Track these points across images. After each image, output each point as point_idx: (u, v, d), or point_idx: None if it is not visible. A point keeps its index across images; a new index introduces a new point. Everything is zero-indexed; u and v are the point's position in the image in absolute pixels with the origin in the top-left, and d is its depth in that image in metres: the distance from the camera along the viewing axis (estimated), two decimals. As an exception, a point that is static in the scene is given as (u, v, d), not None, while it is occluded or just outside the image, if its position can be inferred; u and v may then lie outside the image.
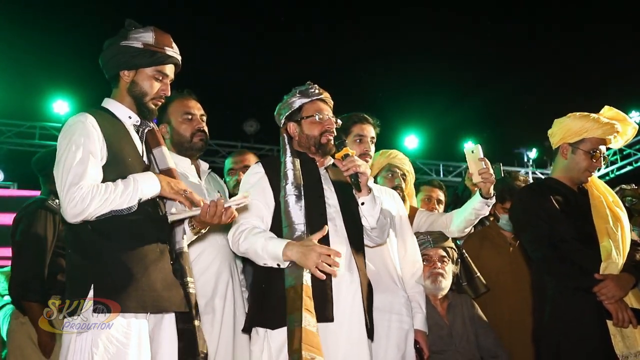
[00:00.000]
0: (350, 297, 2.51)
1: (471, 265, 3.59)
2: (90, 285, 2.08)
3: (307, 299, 2.32)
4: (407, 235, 3.21)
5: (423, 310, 3.08)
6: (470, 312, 3.41)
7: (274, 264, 2.44)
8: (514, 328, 3.53)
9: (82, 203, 2.05)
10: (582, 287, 2.79)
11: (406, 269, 3.12)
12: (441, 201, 4.05)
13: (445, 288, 3.34)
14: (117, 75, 2.36)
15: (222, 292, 2.84)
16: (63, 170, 2.12)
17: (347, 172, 2.62)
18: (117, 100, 2.38)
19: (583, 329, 2.77)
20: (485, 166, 3.14)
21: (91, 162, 2.13)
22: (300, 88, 2.79)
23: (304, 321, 2.26)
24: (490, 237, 3.86)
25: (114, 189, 2.10)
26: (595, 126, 2.97)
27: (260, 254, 2.45)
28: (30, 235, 3.25)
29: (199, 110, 3.08)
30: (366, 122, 3.21)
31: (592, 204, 2.97)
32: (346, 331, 2.46)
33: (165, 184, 2.22)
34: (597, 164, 3.01)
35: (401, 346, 2.86)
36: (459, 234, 3.55)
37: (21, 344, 3.23)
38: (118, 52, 2.33)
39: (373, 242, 2.81)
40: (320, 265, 2.33)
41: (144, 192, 2.15)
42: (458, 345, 3.27)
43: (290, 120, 2.76)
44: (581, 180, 3.05)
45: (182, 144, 3.01)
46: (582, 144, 3.00)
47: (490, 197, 3.21)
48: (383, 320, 2.86)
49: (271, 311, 2.44)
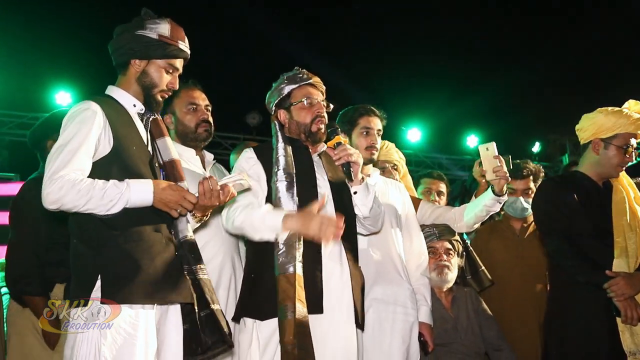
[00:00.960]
0: (340, 288, 2.48)
1: (476, 259, 3.58)
2: (97, 276, 2.06)
3: (298, 289, 2.30)
4: (412, 227, 3.20)
5: (428, 302, 3.07)
6: (475, 305, 3.41)
7: (271, 236, 2.38)
8: (518, 320, 3.53)
9: (59, 192, 2.01)
10: (592, 282, 2.79)
11: (411, 261, 3.11)
12: (442, 193, 4.01)
13: (451, 280, 3.34)
14: (127, 63, 2.34)
15: (226, 283, 2.82)
16: (52, 156, 2.10)
17: (338, 161, 2.58)
18: (122, 88, 2.35)
19: (591, 323, 2.78)
20: (499, 164, 3.11)
21: (81, 151, 2.10)
22: (287, 74, 2.74)
23: (296, 312, 2.25)
24: (499, 230, 3.85)
25: (99, 189, 2.05)
26: (628, 122, 2.95)
27: (257, 226, 2.40)
28: (27, 223, 3.07)
29: (204, 100, 3.06)
30: (373, 114, 3.17)
31: (613, 199, 2.96)
32: (335, 323, 2.43)
33: (159, 199, 2.13)
34: (630, 158, 3.00)
35: (406, 338, 2.85)
36: (468, 230, 3.54)
37: (22, 331, 3.07)
38: (132, 40, 2.30)
39: (367, 230, 2.77)
40: (324, 235, 2.30)
41: (131, 201, 2.09)
42: (463, 338, 3.27)
43: (280, 108, 2.71)
44: (612, 175, 3.03)
45: (186, 134, 2.99)
46: (615, 140, 2.98)
47: (503, 194, 3.19)
48: (388, 312, 2.85)
49: (260, 302, 2.41)
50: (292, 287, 2.29)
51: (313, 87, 2.72)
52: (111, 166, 2.16)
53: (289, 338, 2.22)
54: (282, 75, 2.76)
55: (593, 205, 2.94)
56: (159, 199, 2.14)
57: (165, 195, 2.15)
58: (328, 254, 2.49)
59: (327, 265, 2.47)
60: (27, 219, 3.07)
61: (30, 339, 3.04)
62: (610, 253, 2.83)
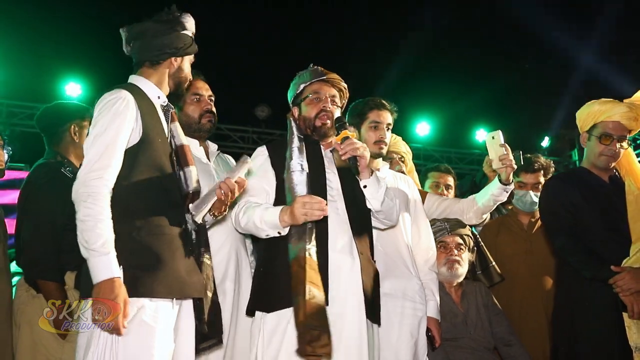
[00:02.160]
0: (349, 281, 2.47)
1: (487, 254, 3.58)
2: (120, 268, 2.06)
3: (311, 272, 2.30)
4: (421, 221, 3.18)
5: (436, 297, 3.05)
6: (485, 300, 3.40)
7: (274, 233, 2.42)
8: (526, 315, 3.53)
9: (86, 196, 2.04)
10: (598, 277, 2.78)
11: (420, 255, 3.09)
12: (450, 186, 4.00)
13: (461, 275, 3.33)
14: (164, 60, 2.39)
15: (232, 275, 2.83)
16: (88, 145, 2.12)
17: (344, 155, 2.54)
18: (148, 79, 2.38)
19: (597, 318, 2.77)
20: (505, 152, 3.11)
21: (116, 145, 2.13)
22: (304, 71, 2.76)
23: (307, 294, 2.24)
24: (508, 224, 3.84)
25: (104, 218, 2.04)
26: (604, 109, 2.95)
27: (259, 226, 2.44)
28: (44, 208, 3.03)
29: (207, 91, 3.06)
30: (383, 108, 3.14)
31: (628, 199, 2.93)
32: (345, 316, 2.42)
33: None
34: (612, 147, 2.97)
35: (414, 333, 2.85)
36: (477, 221, 3.53)
37: (32, 320, 2.99)
38: (176, 39, 2.38)
39: (382, 224, 2.76)
40: (309, 213, 2.32)
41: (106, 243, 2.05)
42: (473, 333, 3.26)
43: (294, 105, 2.76)
44: (603, 167, 3.02)
45: (190, 125, 2.98)
46: (594, 130, 3.01)
47: (509, 183, 3.19)
48: (396, 307, 2.85)
49: (268, 294, 2.44)
50: (303, 270, 2.30)
51: (326, 83, 2.72)
52: (137, 156, 2.19)
53: (302, 319, 2.22)
54: (297, 73, 2.78)
55: (599, 201, 2.93)
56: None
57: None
58: (340, 247, 2.49)
59: (336, 258, 2.46)
60: (43, 204, 3.04)
61: (40, 328, 2.92)
62: (619, 248, 2.81)
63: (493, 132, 3.22)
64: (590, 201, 2.92)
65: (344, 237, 2.52)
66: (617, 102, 2.99)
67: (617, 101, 2.99)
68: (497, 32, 9.96)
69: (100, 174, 2.07)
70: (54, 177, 3.09)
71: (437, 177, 4.00)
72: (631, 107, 2.95)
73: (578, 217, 2.91)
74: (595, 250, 2.83)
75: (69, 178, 3.07)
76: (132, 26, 2.40)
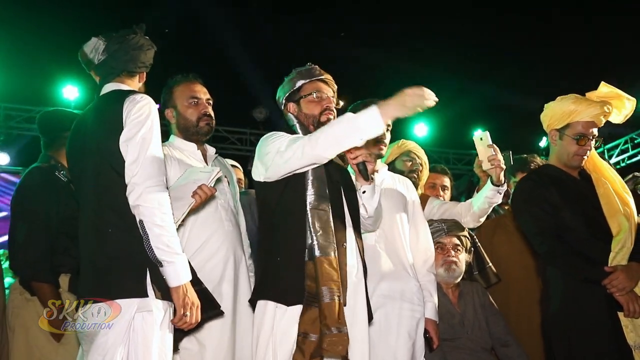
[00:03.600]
0: (356, 282, 2.48)
1: (484, 255, 3.58)
2: (146, 269, 2.10)
3: (334, 272, 2.31)
4: (419, 223, 3.19)
5: (434, 298, 3.06)
6: (482, 300, 3.40)
7: (371, 133, 2.27)
8: (522, 315, 3.54)
9: (157, 203, 2.09)
10: (590, 279, 2.73)
11: (418, 256, 3.10)
12: (446, 187, 3.97)
13: (458, 276, 3.33)
14: (140, 72, 2.50)
15: (230, 276, 2.82)
16: (147, 156, 2.14)
17: (355, 160, 2.55)
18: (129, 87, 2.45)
19: (594, 320, 2.72)
20: (494, 152, 3.12)
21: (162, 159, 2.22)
22: (300, 69, 2.76)
23: (336, 294, 2.25)
24: (504, 224, 3.84)
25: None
26: (580, 109, 2.89)
27: (348, 131, 2.29)
28: (38, 211, 3.05)
29: (205, 94, 3.06)
30: None
31: (599, 193, 2.88)
32: (351, 316, 2.41)
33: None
34: (587, 147, 2.91)
35: (412, 334, 2.85)
36: (474, 225, 3.54)
37: (26, 323, 3.02)
38: (150, 56, 2.49)
39: (365, 229, 2.76)
40: (422, 99, 2.26)
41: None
42: (470, 333, 3.26)
43: (289, 101, 2.73)
44: (575, 166, 2.96)
45: (188, 128, 2.99)
46: (568, 129, 2.92)
47: (502, 184, 3.19)
48: (394, 309, 2.85)
49: (288, 287, 2.35)
50: (335, 271, 2.29)
51: (324, 83, 2.74)
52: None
53: (335, 320, 2.21)
54: (294, 69, 2.77)
55: (574, 198, 2.87)
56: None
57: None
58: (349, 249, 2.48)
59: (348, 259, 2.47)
60: (38, 206, 3.06)
61: (35, 331, 3.01)
62: (602, 245, 2.76)
63: (480, 133, 3.24)
64: (567, 200, 2.85)
65: (350, 238, 2.53)
66: (590, 101, 2.91)
67: (590, 100, 2.92)
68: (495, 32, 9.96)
69: (162, 180, 2.16)
70: (48, 179, 3.12)
71: (433, 177, 3.98)
72: (604, 106, 2.89)
73: (559, 217, 2.83)
74: (581, 250, 2.78)
75: (62, 181, 3.12)
76: (117, 35, 2.44)
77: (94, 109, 2.38)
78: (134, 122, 2.17)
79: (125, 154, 2.14)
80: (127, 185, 2.11)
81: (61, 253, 3.03)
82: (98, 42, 2.43)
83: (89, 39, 2.46)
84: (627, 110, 2.98)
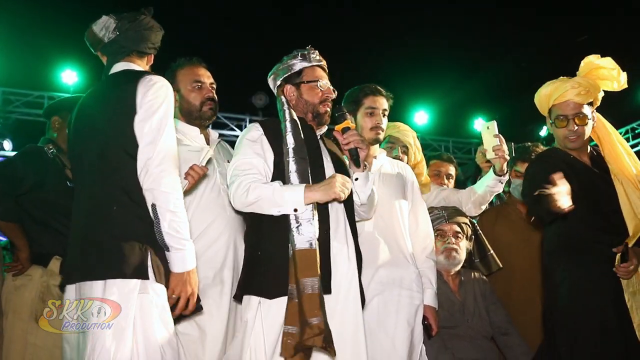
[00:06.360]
0: (347, 268, 2.46)
1: (485, 243, 3.57)
2: (148, 250, 2.08)
3: (314, 263, 2.28)
4: (419, 210, 3.16)
5: (433, 285, 3.04)
6: (482, 288, 3.40)
7: (289, 210, 2.33)
8: (523, 304, 3.53)
9: (171, 188, 2.10)
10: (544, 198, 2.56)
11: (417, 243, 3.08)
12: (451, 175, 3.95)
13: (459, 264, 3.33)
14: (150, 53, 2.50)
15: (230, 263, 2.81)
16: (163, 139, 2.13)
17: (347, 145, 2.54)
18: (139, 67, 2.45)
19: (600, 309, 2.69)
20: (499, 143, 3.12)
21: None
22: (301, 51, 2.70)
23: (311, 287, 2.23)
24: (505, 213, 3.83)
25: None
26: (551, 91, 2.87)
27: (275, 201, 2.34)
28: (9, 163, 3.29)
29: (209, 78, 3.04)
30: (379, 94, 3.12)
31: (618, 190, 2.81)
32: (342, 303, 2.40)
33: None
34: (571, 127, 2.85)
35: (411, 321, 2.84)
36: (476, 212, 3.54)
37: (17, 308, 3.09)
38: (159, 38, 2.50)
39: (359, 217, 2.74)
40: (342, 189, 2.35)
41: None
42: (470, 321, 3.27)
43: (287, 83, 2.67)
44: (573, 147, 2.91)
45: (191, 112, 2.97)
46: (552, 114, 2.92)
47: (504, 174, 3.19)
48: (393, 295, 2.84)
49: (269, 280, 2.36)
50: (314, 262, 2.27)
51: (323, 69, 2.70)
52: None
53: (315, 312, 2.19)
54: (295, 51, 2.72)
55: (583, 181, 2.81)
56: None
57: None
58: (338, 236, 2.47)
59: (334, 246, 2.44)
60: (11, 160, 3.35)
61: (25, 316, 3.07)
62: (619, 227, 2.73)
63: (488, 122, 3.25)
64: (573, 182, 2.72)
65: (340, 225, 2.50)
66: (563, 80, 2.87)
67: (563, 79, 2.87)
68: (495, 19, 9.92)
69: (177, 164, 2.18)
70: (33, 150, 3.29)
71: (438, 165, 3.97)
72: (577, 82, 2.84)
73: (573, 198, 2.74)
74: (585, 237, 2.76)
75: (47, 155, 3.24)
76: (128, 14, 2.40)
77: (102, 87, 2.35)
78: (151, 103, 2.15)
79: (139, 135, 2.12)
80: (141, 167, 2.10)
81: (52, 234, 3.09)
82: (109, 20, 2.39)
83: (88, 25, 2.43)
84: (615, 72, 2.91)
